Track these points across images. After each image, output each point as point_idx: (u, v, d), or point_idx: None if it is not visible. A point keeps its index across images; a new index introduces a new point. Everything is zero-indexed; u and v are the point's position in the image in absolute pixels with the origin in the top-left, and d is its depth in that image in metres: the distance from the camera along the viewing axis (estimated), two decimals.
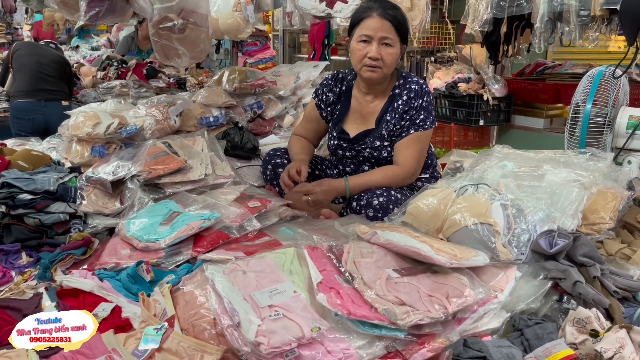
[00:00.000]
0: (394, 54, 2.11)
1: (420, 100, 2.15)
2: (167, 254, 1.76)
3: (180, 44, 2.17)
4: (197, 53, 2.31)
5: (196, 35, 2.20)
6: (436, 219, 1.67)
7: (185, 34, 2.13)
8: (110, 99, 5.18)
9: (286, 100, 3.04)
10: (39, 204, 1.96)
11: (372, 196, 2.06)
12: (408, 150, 2.15)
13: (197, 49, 2.25)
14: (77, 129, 2.41)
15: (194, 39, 2.21)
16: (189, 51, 2.22)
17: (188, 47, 2.22)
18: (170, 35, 2.14)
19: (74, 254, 1.84)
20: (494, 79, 4.55)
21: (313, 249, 1.52)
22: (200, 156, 2.31)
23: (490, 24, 4.19)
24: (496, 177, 1.80)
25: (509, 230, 1.58)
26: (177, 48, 2.15)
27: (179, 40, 2.15)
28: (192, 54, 2.28)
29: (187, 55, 2.21)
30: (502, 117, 4.60)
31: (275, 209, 2.02)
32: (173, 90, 5.53)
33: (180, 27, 2.08)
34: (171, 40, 2.13)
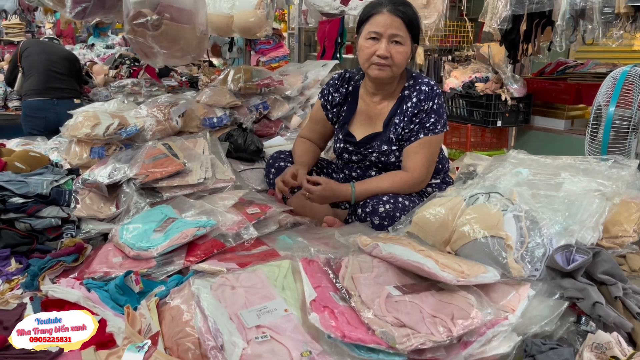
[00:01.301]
0: (404, 52, 1.99)
1: (430, 103, 2.03)
2: (158, 263, 1.68)
3: (155, 41, 2.03)
4: (177, 51, 2.16)
5: (175, 32, 2.06)
6: (443, 230, 1.55)
7: (161, 30, 1.99)
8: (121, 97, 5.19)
9: (293, 100, 2.94)
10: (31, 208, 1.89)
11: (378, 203, 1.94)
12: (417, 156, 2.03)
13: (176, 47, 2.09)
14: (75, 130, 2.35)
15: (172, 37, 2.07)
16: (166, 49, 2.08)
17: (165, 46, 2.07)
18: (145, 32, 2.00)
19: (65, 261, 1.77)
20: (513, 78, 4.43)
21: (309, 262, 1.42)
22: (200, 159, 2.22)
23: (509, 21, 4.08)
24: (509, 186, 1.67)
25: (522, 245, 1.45)
26: (152, 46, 2.01)
27: (153, 38, 2.01)
28: (171, 53, 2.13)
29: (162, 54, 2.05)
30: (521, 118, 4.48)
31: (275, 216, 1.92)
32: (185, 89, 5.47)
33: (155, 23, 1.94)
34: (145, 38, 2.00)
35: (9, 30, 9.07)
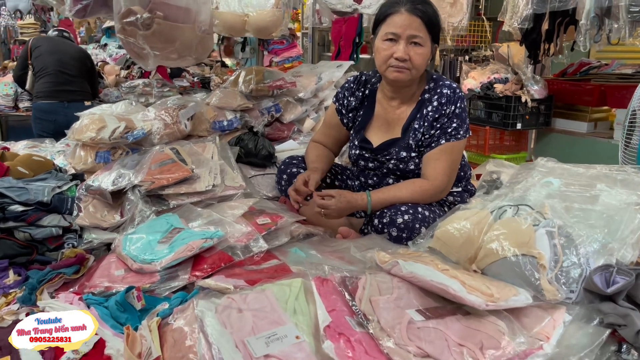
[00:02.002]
0: (423, 54, 1.87)
1: (452, 107, 1.91)
2: (162, 277, 1.57)
3: (146, 42, 1.89)
4: (172, 53, 2.02)
5: (169, 32, 1.92)
6: (469, 246, 1.43)
7: (153, 30, 1.85)
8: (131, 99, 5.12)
9: (307, 102, 2.82)
10: (31, 216, 1.80)
11: (396, 213, 1.82)
12: (438, 163, 1.91)
13: (171, 48, 1.96)
14: (80, 133, 2.26)
15: (165, 37, 1.93)
16: (159, 50, 1.94)
17: (158, 47, 1.94)
18: (136, 31, 1.87)
19: (65, 273, 1.67)
20: (533, 79, 4.30)
21: (323, 281, 1.31)
22: (209, 165, 2.12)
23: (530, 20, 3.95)
24: (540, 197, 1.54)
25: (556, 264, 1.33)
26: (142, 47, 1.88)
27: (144, 38, 1.87)
28: (164, 54, 2.00)
29: (152, 55, 1.90)
30: (542, 120, 4.35)
31: (287, 227, 1.81)
32: (197, 90, 5.40)
33: (146, 22, 1.81)
34: (136, 38, 1.87)
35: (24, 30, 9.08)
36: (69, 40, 4.45)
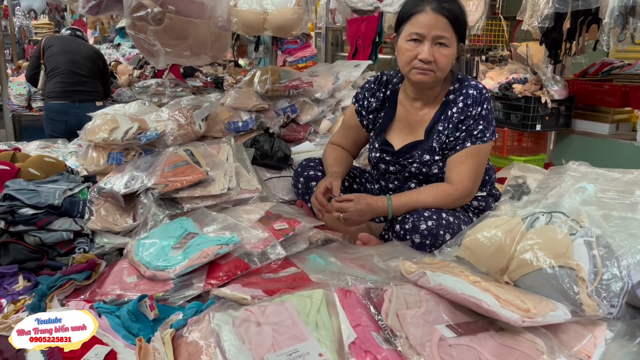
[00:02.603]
0: (449, 55, 1.78)
1: (479, 108, 1.82)
2: (176, 285, 1.51)
3: (157, 37, 1.80)
4: (185, 50, 1.92)
5: (181, 27, 1.83)
6: (500, 256, 1.35)
7: (164, 25, 1.76)
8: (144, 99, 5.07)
9: (323, 103, 2.74)
10: (41, 220, 1.75)
11: (419, 219, 1.74)
12: (463, 167, 1.83)
13: (184, 45, 1.87)
14: (92, 134, 2.20)
15: (177, 33, 1.83)
16: (171, 47, 1.85)
17: (169, 43, 1.84)
18: (146, 26, 1.78)
19: (76, 279, 1.61)
20: (553, 79, 4.20)
21: (346, 293, 1.23)
22: (224, 167, 2.06)
23: (551, 19, 3.85)
24: (575, 204, 1.46)
25: (595, 277, 1.24)
26: (153, 43, 1.80)
27: (155, 34, 1.78)
28: (176, 51, 1.90)
29: (163, 52, 1.83)
30: (562, 122, 4.25)
31: (305, 232, 1.74)
32: (210, 90, 5.35)
33: (157, 17, 1.73)
34: (147, 33, 1.79)
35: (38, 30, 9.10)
36: (82, 39, 4.41)
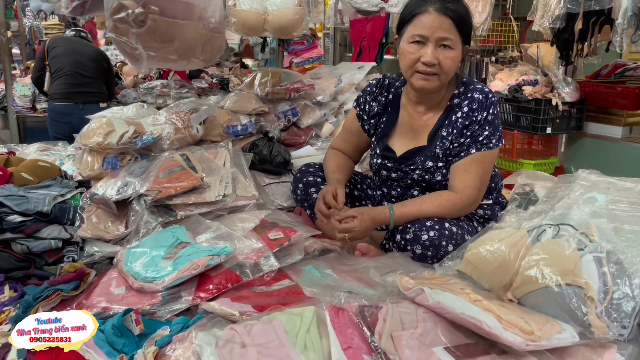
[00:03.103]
0: (454, 58, 1.71)
1: (484, 113, 1.74)
2: (164, 298, 1.45)
3: (138, 40, 1.70)
4: (170, 53, 1.82)
5: (164, 29, 1.73)
6: (504, 271, 1.27)
7: (147, 27, 1.67)
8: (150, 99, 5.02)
9: (325, 106, 2.67)
10: (29, 227, 1.69)
11: (420, 229, 1.67)
12: (467, 174, 1.75)
13: (169, 48, 1.77)
14: (87, 138, 2.14)
15: (161, 35, 1.74)
16: (154, 51, 1.75)
17: (152, 46, 1.74)
18: (128, 29, 1.68)
19: (63, 289, 1.55)
20: (565, 81, 4.10)
21: (338, 311, 1.16)
22: (220, 173, 1.99)
23: (562, 20, 3.76)
24: (584, 216, 1.37)
25: (605, 296, 1.16)
26: (135, 46, 1.70)
27: (137, 36, 1.68)
28: (161, 55, 1.80)
29: (146, 56, 1.73)
30: (573, 124, 4.15)
31: (301, 242, 1.67)
32: (216, 91, 5.30)
33: (139, 18, 1.63)
34: (128, 36, 1.69)
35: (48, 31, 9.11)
36: (87, 40, 4.38)
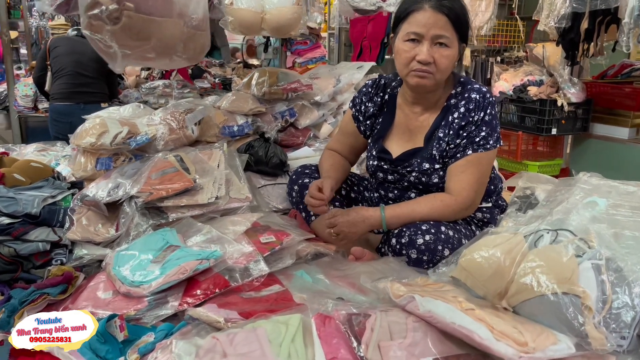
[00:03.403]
0: (450, 56, 1.66)
1: (481, 113, 1.70)
2: (150, 303, 1.41)
3: (113, 38, 1.64)
4: (148, 52, 1.75)
5: (140, 27, 1.67)
6: (499, 279, 1.22)
7: (121, 24, 1.61)
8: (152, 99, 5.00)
9: (324, 106, 2.63)
10: (17, 229, 1.66)
11: (416, 233, 1.62)
12: (464, 176, 1.70)
13: (146, 46, 1.72)
14: (80, 139, 2.11)
15: (136, 33, 1.67)
16: (130, 49, 1.69)
17: (127, 44, 1.68)
18: (103, 26, 1.62)
19: (50, 293, 1.52)
20: (571, 81, 4.04)
21: (324, 320, 1.12)
22: (214, 174, 1.95)
23: (568, 19, 3.70)
24: (583, 221, 1.32)
25: (604, 305, 1.11)
26: (109, 44, 1.64)
27: (111, 34, 1.62)
28: (138, 53, 1.74)
29: (120, 55, 1.67)
30: (579, 126, 4.10)
31: (293, 247, 1.63)
32: (218, 92, 5.26)
33: (113, 15, 1.57)
34: (103, 34, 1.63)
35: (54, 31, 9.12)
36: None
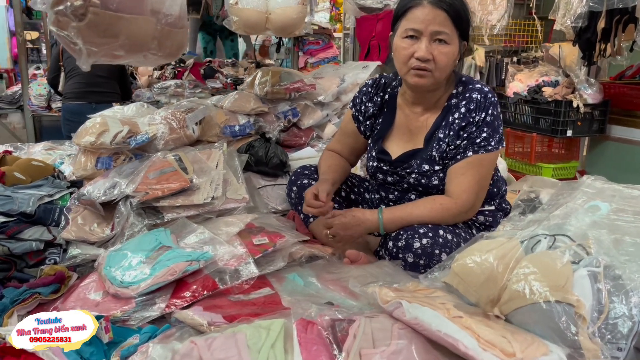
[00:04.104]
0: (449, 53, 1.62)
1: (482, 114, 1.65)
2: (138, 305, 1.39)
3: (79, 35, 1.57)
4: (117, 49, 1.70)
5: (107, 24, 1.61)
6: (491, 285, 1.18)
7: (87, 21, 1.54)
8: (164, 99, 5.02)
9: (328, 106, 2.59)
10: (11, 228, 1.66)
11: (412, 236, 1.58)
12: (464, 178, 1.65)
13: (114, 44, 1.66)
14: (80, 138, 2.11)
15: (104, 30, 1.61)
16: (96, 47, 1.63)
17: (94, 41, 1.61)
18: (69, 22, 1.55)
19: (41, 293, 1.51)
20: (587, 82, 3.95)
21: (307, 325, 1.08)
22: (211, 174, 1.93)
23: (585, 18, 3.62)
24: (583, 226, 1.27)
25: (599, 315, 1.06)
26: (75, 41, 1.57)
27: (77, 30, 1.55)
28: (105, 50, 1.68)
29: (85, 52, 1.61)
30: (595, 127, 4.01)
31: (286, 249, 1.59)
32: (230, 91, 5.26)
33: (79, 12, 1.51)
34: (69, 30, 1.56)
35: None
36: None
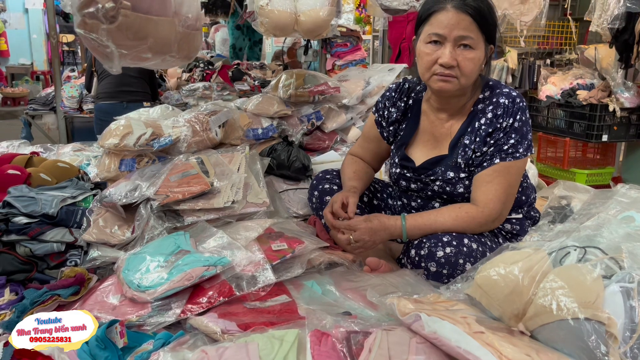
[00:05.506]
0: (475, 59, 1.56)
1: (510, 120, 1.58)
2: (154, 309, 1.38)
3: (110, 38, 1.58)
4: (144, 52, 1.70)
5: (138, 26, 1.62)
6: (516, 299, 1.12)
7: (118, 23, 1.55)
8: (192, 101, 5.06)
9: (352, 110, 2.55)
10: (33, 229, 1.67)
11: (436, 244, 1.53)
12: (491, 186, 1.59)
13: (143, 46, 1.66)
14: (104, 140, 2.13)
15: (134, 32, 1.62)
16: (127, 49, 1.64)
17: (124, 44, 1.62)
18: (98, 25, 1.56)
19: (61, 294, 1.52)
20: (624, 85, 3.82)
21: (321, 337, 1.05)
22: (232, 178, 1.92)
23: (622, 19, 3.51)
24: (616, 238, 1.20)
25: (632, 334, 0.99)
26: (106, 44, 1.58)
27: (108, 33, 1.56)
28: (134, 53, 1.68)
29: (118, 55, 1.61)
30: (632, 132, 3.89)
31: (305, 255, 1.56)
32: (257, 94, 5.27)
33: (110, 14, 1.51)
34: (99, 33, 1.56)
35: None
36: None
